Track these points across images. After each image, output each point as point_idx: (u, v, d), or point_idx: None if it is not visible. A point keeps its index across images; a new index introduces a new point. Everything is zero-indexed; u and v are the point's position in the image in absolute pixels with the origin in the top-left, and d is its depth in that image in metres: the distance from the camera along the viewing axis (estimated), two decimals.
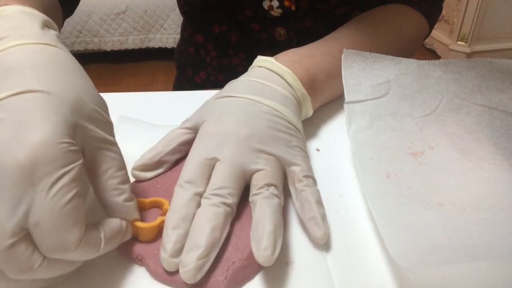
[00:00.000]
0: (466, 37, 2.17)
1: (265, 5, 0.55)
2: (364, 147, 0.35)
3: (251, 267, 0.28)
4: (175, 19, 2.30)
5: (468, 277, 0.28)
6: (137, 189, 0.33)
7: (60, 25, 0.42)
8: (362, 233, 0.31)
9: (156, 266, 0.27)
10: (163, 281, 0.27)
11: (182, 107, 0.45)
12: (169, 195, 0.32)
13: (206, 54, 0.63)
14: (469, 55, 2.19)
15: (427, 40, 2.39)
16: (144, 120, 0.43)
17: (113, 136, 0.27)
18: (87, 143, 0.25)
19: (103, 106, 0.27)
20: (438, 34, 2.32)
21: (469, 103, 0.41)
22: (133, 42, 2.34)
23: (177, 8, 0.67)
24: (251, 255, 0.27)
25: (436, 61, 0.42)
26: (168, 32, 2.34)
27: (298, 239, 0.30)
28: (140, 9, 2.27)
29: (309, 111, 0.40)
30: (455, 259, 0.26)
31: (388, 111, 0.40)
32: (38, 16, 0.29)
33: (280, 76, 0.38)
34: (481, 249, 0.27)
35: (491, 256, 0.26)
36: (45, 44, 0.26)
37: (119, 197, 0.26)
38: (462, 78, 0.42)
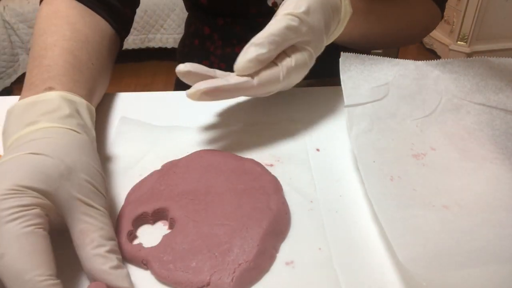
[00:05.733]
0: (466, 37, 2.17)
1: (269, 2, 0.56)
2: (367, 151, 0.35)
3: (258, 269, 0.28)
4: (175, 19, 2.29)
5: (468, 277, 0.27)
6: (140, 190, 0.33)
7: (114, 54, 0.50)
8: (363, 233, 0.31)
9: (162, 269, 0.27)
10: (169, 284, 0.27)
11: (183, 107, 0.45)
12: (173, 197, 0.32)
13: (211, 44, 0.63)
14: (469, 55, 2.18)
15: (427, 40, 2.39)
16: (145, 120, 0.43)
17: (105, 208, 0.28)
18: (71, 207, 0.26)
19: (99, 180, 0.29)
20: (438, 34, 2.32)
21: (468, 102, 0.41)
22: (133, 42, 2.33)
23: (177, 8, 0.66)
24: (257, 257, 0.27)
25: (434, 62, 0.42)
26: (168, 32, 2.33)
27: (302, 241, 0.30)
28: (140, 9, 2.25)
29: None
30: (465, 264, 0.26)
31: (388, 113, 0.40)
32: (73, 103, 0.33)
33: None
34: (490, 252, 0.26)
35: (500, 260, 0.26)
36: (68, 128, 0.31)
37: (104, 265, 0.25)
38: (461, 78, 0.42)
